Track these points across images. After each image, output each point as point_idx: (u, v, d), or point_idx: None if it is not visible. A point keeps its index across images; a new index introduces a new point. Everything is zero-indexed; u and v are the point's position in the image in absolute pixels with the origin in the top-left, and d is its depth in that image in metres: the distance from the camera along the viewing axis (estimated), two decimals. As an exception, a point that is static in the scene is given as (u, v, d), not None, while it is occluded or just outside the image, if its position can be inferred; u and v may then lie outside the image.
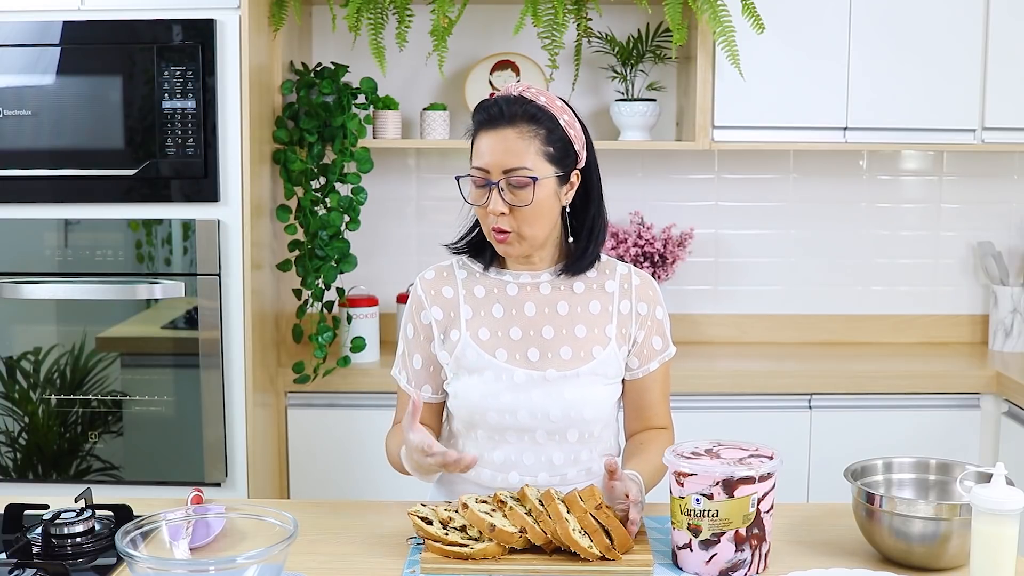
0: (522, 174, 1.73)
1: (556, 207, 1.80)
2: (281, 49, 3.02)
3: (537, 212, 1.75)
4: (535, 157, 1.74)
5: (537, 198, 1.74)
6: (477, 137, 1.78)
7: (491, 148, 1.75)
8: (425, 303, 1.87)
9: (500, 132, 1.74)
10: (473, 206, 1.80)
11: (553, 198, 1.78)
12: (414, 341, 1.89)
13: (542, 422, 1.80)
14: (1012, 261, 3.44)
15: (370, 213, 3.33)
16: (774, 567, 1.59)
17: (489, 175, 1.75)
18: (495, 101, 1.78)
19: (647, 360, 1.87)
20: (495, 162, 1.74)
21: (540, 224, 1.78)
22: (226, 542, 1.51)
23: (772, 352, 3.34)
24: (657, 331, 1.87)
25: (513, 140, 1.74)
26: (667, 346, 1.89)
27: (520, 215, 1.75)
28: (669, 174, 3.45)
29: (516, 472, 1.82)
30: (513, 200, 1.74)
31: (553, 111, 1.77)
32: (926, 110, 3.09)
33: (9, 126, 2.69)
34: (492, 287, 1.86)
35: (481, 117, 1.78)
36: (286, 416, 3.03)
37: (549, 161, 1.76)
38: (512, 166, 1.73)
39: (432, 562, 1.57)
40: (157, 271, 2.73)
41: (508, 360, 1.81)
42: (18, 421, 2.79)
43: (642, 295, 1.87)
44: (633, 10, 3.24)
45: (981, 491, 1.44)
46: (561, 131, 1.77)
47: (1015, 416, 2.94)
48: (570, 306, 1.84)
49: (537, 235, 1.78)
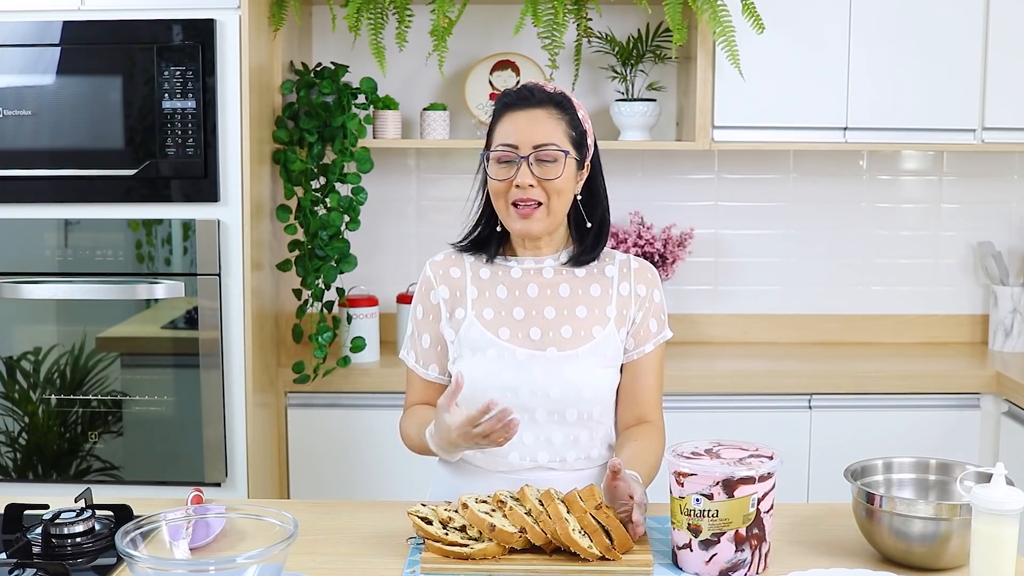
0: (552, 149, 1.80)
1: (573, 189, 1.87)
2: (281, 49, 3.02)
3: (563, 187, 1.82)
4: (562, 137, 1.82)
5: (564, 175, 1.81)
6: (503, 118, 1.85)
7: (520, 126, 1.82)
8: (434, 283, 1.93)
9: (530, 112, 1.82)
10: (495, 182, 1.84)
11: (572, 180, 1.85)
12: (423, 321, 1.94)
13: (542, 400, 1.83)
14: (1012, 261, 3.44)
15: (370, 213, 3.33)
16: (774, 567, 1.59)
17: (517, 150, 1.81)
18: (524, 87, 1.87)
19: (643, 341, 1.90)
20: (525, 138, 1.81)
21: (564, 200, 1.85)
22: (226, 542, 1.51)
23: (772, 352, 3.34)
24: (654, 313, 1.91)
25: (543, 119, 1.82)
26: (663, 329, 1.93)
27: (551, 189, 1.81)
28: (669, 174, 3.45)
29: (516, 452, 1.84)
30: (541, 174, 1.81)
31: (574, 103, 1.87)
32: (926, 110, 3.10)
33: (9, 126, 2.69)
34: (497, 270, 1.92)
35: (509, 99, 1.86)
36: (286, 416, 3.03)
37: (571, 143, 1.84)
38: (542, 141, 1.81)
39: (432, 562, 1.57)
40: (157, 271, 2.73)
41: (510, 339, 1.85)
42: (18, 421, 2.79)
43: (641, 277, 1.92)
44: (633, 10, 3.24)
45: (981, 491, 1.44)
46: (580, 121, 1.87)
47: (1015, 416, 2.94)
48: (571, 288, 1.89)
49: (560, 211, 1.85)
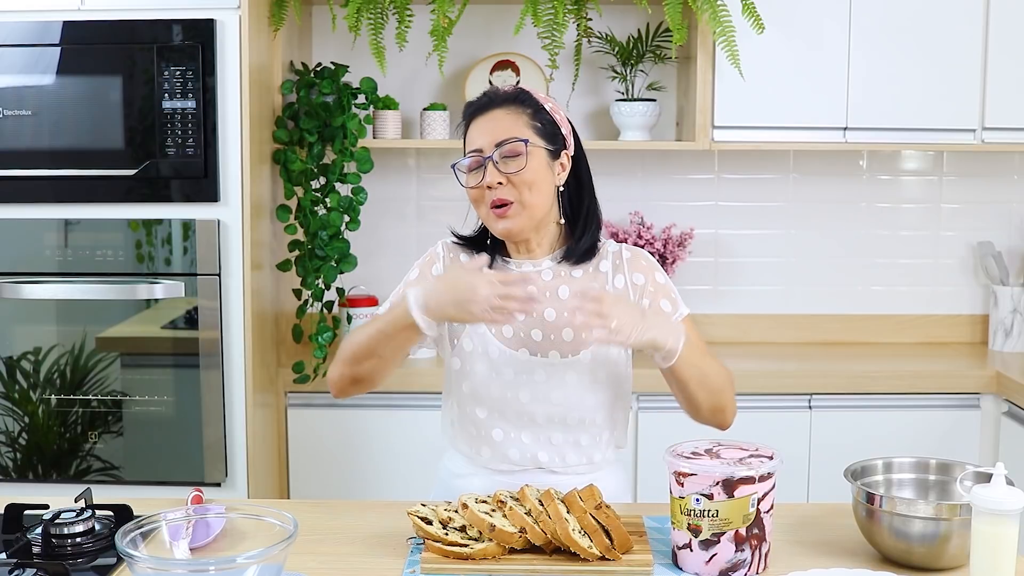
0: (513, 141, 1.79)
1: (550, 181, 1.84)
2: (281, 49, 3.02)
3: (533, 179, 1.80)
4: (524, 128, 1.81)
5: (531, 165, 1.79)
6: (469, 129, 1.86)
7: (482, 129, 1.82)
8: (440, 260, 1.92)
9: (490, 114, 1.83)
10: (471, 191, 1.84)
11: (546, 170, 1.83)
12: (414, 282, 1.89)
13: (543, 404, 1.83)
14: (1012, 261, 3.44)
15: (370, 213, 3.33)
16: (774, 567, 1.59)
17: (482, 152, 1.81)
18: (483, 93, 1.88)
19: None
20: (487, 139, 1.81)
21: (539, 192, 1.81)
22: (226, 542, 1.51)
23: (772, 352, 3.34)
24: (663, 295, 1.86)
25: (502, 117, 1.82)
26: (677, 307, 1.86)
27: (519, 182, 1.79)
28: (669, 174, 3.45)
29: (515, 450, 1.85)
30: (507, 169, 1.79)
31: (538, 98, 1.86)
32: (926, 110, 3.09)
33: (9, 126, 2.69)
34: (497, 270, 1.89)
35: (471, 109, 1.87)
36: (286, 416, 3.03)
37: (537, 134, 1.82)
38: (503, 137, 1.80)
39: (432, 562, 1.57)
40: (157, 271, 2.73)
41: (512, 339, 1.84)
42: (18, 421, 2.79)
43: (635, 266, 1.89)
44: (633, 10, 3.24)
45: (981, 491, 1.44)
46: (546, 113, 1.85)
47: (1015, 416, 2.94)
48: (571, 290, 1.86)
49: (536, 204, 1.81)
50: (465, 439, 1.90)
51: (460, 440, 1.92)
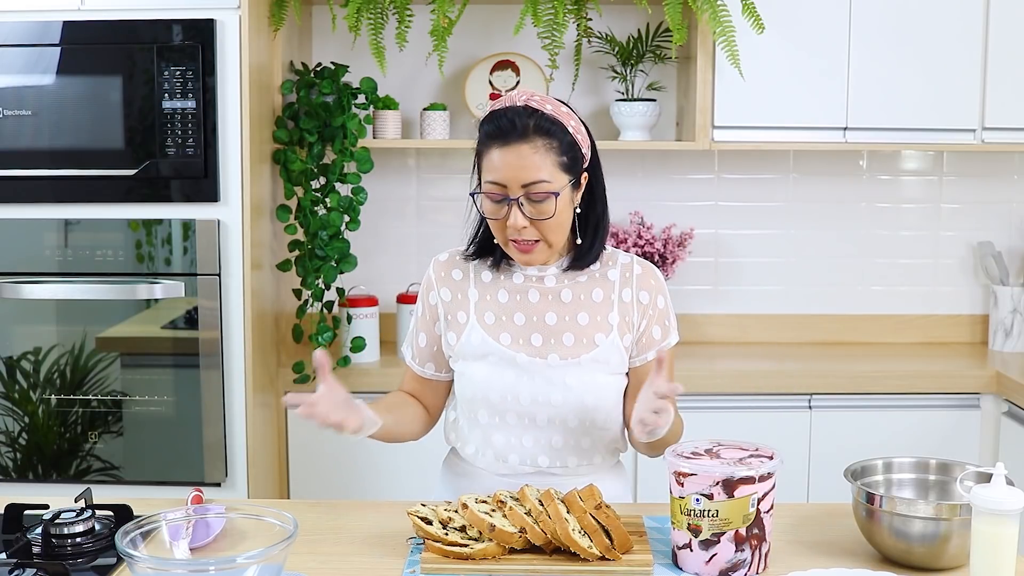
0: (542, 188, 1.73)
1: (571, 212, 1.82)
2: (281, 49, 3.02)
3: (558, 221, 1.77)
4: (552, 169, 1.74)
5: (558, 209, 1.75)
6: (488, 150, 1.76)
7: (507, 163, 1.73)
8: (435, 284, 1.91)
9: (514, 148, 1.73)
10: (491, 220, 1.80)
11: (569, 206, 1.80)
12: (421, 319, 1.94)
13: (543, 407, 1.82)
14: (1012, 261, 3.44)
15: (370, 213, 3.33)
16: (774, 567, 1.59)
17: (507, 190, 1.75)
18: (504, 114, 1.75)
19: (645, 349, 1.87)
20: (513, 177, 1.73)
21: (562, 231, 1.80)
22: (226, 542, 1.51)
23: (772, 352, 3.34)
24: (658, 320, 1.88)
25: (529, 155, 1.73)
26: (667, 335, 1.88)
27: (544, 226, 1.76)
28: (669, 174, 3.45)
29: (516, 454, 1.84)
30: (534, 214, 1.75)
31: (560, 119, 1.77)
32: (926, 110, 3.09)
33: (9, 126, 2.69)
34: (499, 275, 1.90)
35: (491, 130, 1.76)
36: (286, 416, 3.03)
37: (564, 171, 1.76)
38: (531, 180, 1.73)
39: (432, 562, 1.57)
40: (157, 271, 2.73)
41: (511, 344, 1.84)
42: (18, 421, 2.79)
43: (643, 284, 1.88)
44: (633, 10, 3.24)
45: (981, 491, 1.44)
46: (570, 137, 1.77)
47: (1015, 416, 2.94)
48: (573, 294, 1.86)
49: (561, 239, 1.81)
50: (466, 442, 1.90)
51: (461, 442, 1.92)
